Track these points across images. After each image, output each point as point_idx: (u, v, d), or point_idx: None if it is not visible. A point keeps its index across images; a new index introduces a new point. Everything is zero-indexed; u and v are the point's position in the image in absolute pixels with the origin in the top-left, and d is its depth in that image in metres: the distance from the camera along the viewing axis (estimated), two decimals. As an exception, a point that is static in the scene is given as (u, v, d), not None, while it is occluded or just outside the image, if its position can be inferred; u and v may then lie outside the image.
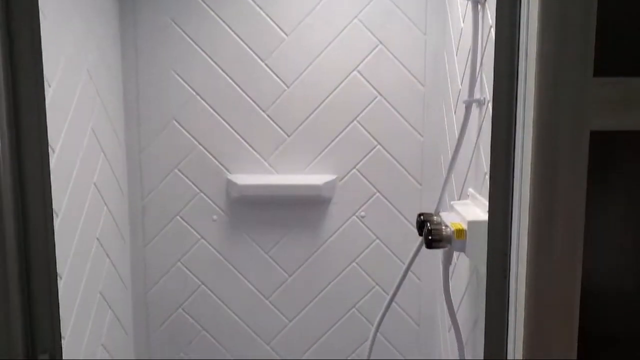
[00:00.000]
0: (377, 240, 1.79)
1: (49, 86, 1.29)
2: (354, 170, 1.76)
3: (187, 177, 1.78)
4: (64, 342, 1.36)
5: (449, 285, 1.29)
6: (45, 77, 1.27)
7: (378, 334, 1.81)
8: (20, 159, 0.98)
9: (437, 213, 1.31)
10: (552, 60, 0.80)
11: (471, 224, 1.13)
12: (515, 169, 0.94)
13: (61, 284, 1.34)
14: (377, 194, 1.77)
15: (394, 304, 1.80)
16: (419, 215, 1.28)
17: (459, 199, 1.40)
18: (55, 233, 1.04)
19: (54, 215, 1.30)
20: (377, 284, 1.81)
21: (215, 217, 1.80)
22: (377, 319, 1.41)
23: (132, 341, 1.82)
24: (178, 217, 1.80)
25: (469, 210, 1.22)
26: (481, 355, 1.08)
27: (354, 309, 1.83)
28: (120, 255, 1.72)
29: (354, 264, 1.81)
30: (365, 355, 1.52)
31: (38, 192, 1.08)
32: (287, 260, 1.82)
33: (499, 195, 0.98)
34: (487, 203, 0.94)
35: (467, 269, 1.35)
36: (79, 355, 1.43)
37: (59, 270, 1.33)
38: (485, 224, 0.98)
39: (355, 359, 1.83)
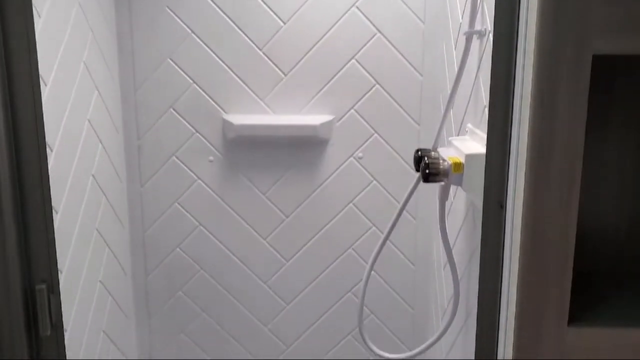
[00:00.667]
0: (375, 182, 1.79)
1: (39, 17, 1.26)
2: (352, 110, 1.74)
3: (182, 117, 1.76)
4: (61, 276, 1.37)
5: (445, 220, 1.30)
6: (35, 6, 1.23)
7: (374, 273, 1.83)
8: (11, 90, 0.96)
9: (434, 149, 1.30)
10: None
11: (469, 157, 1.12)
12: (515, 98, 0.92)
13: (57, 219, 1.34)
14: (375, 134, 1.76)
15: (389, 244, 1.81)
16: (417, 151, 1.27)
17: (458, 136, 1.39)
18: (49, 168, 1.03)
19: (48, 149, 1.29)
20: (373, 224, 1.81)
21: (211, 158, 1.79)
22: (372, 256, 1.42)
23: (131, 279, 1.84)
24: (174, 157, 1.79)
25: (467, 144, 1.21)
26: (476, 290, 1.09)
27: (350, 250, 1.84)
28: (117, 195, 1.72)
29: (350, 205, 1.81)
30: (361, 295, 1.54)
31: (30, 125, 1.06)
32: (284, 201, 1.82)
33: (498, 125, 0.96)
34: (485, 137, 0.93)
35: (464, 205, 1.35)
36: (77, 289, 1.45)
37: (55, 205, 1.33)
38: (483, 157, 0.96)
39: (352, 298, 1.85)
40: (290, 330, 1.89)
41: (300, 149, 1.77)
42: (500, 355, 1.01)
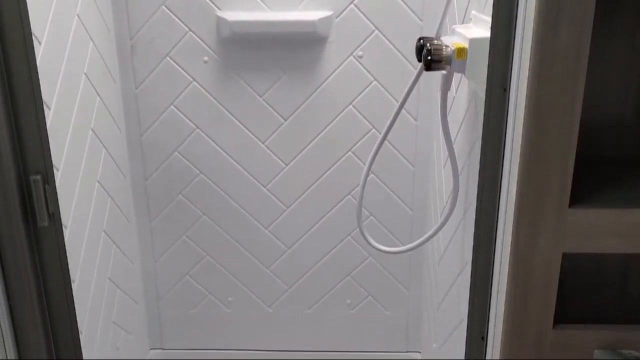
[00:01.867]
0: (375, 82, 1.74)
1: None
2: (352, 5, 1.67)
3: (174, 15, 1.69)
4: (57, 174, 1.35)
5: (446, 112, 1.27)
6: None
7: (373, 176, 1.82)
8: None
9: (437, 37, 1.25)
10: None
11: (472, 41, 1.08)
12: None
13: (49, 115, 1.31)
14: (376, 31, 1.69)
15: (389, 145, 1.78)
16: (419, 39, 1.22)
17: (462, 24, 1.33)
18: (38, 62, 1.00)
19: (36, 42, 1.24)
20: (373, 127, 1.78)
21: (206, 58, 1.73)
22: (371, 155, 1.39)
23: (130, 183, 1.83)
24: (168, 58, 1.73)
25: (471, 31, 1.16)
26: (475, 185, 1.08)
27: (350, 153, 1.82)
28: (112, 95, 1.68)
29: (350, 106, 1.77)
30: (360, 189, 1.53)
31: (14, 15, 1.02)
32: (282, 103, 1.78)
33: (503, 3, 0.91)
34: (490, 20, 0.88)
35: (466, 98, 1.31)
36: (75, 188, 1.44)
37: (46, 100, 1.30)
38: (487, 40, 0.92)
39: (351, 200, 1.85)
40: (290, 232, 1.90)
41: (297, 47, 1.71)
42: (499, 241, 1.01)
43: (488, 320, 1.09)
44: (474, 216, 1.07)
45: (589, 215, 0.92)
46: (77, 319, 1.20)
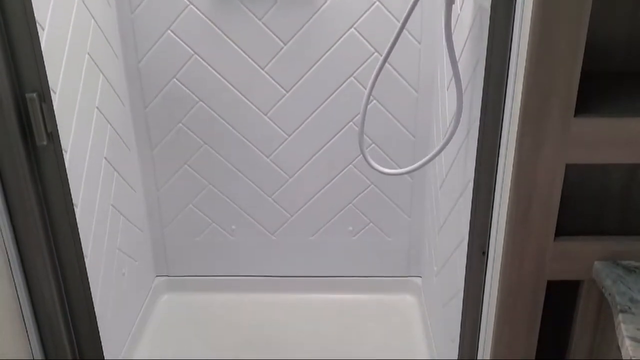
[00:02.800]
0: (378, 3, 1.69)
1: None
2: None
3: None
4: (55, 97, 1.34)
5: (451, 26, 1.23)
6: None
7: (376, 102, 1.79)
8: None
9: (442, -52, 1.20)
10: None
11: (479, -52, 1.04)
12: None
13: (44, 36, 1.28)
14: (378, -51, 1.63)
15: (392, 69, 1.75)
16: (422, -50, 1.17)
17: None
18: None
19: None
20: (376, 50, 1.74)
21: (203, -20, 1.68)
22: (372, 76, 1.36)
23: (129, 111, 1.81)
24: (163, -20, 1.68)
25: (478, -61, 1.11)
26: (479, 104, 1.06)
27: (351, 78, 1.79)
28: (107, 19, 1.63)
29: (352, 29, 1.73)
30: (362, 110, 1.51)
31: None
32: (282, 27, 1.73)
33: None
34: None
35: (470, 14, 1.28)
36: (74, 113, 1.42)
37: (40, 21, 1.26)
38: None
39: (353, 127, 1.84)
40: (292, 160, 1.90)
41: (297, -33, 1.65)
42: (502, 155, 1.00)
43: (489, 235, 1.09)
44: (477, 135, 1.06)
45: (594, 124, 0.91)
46: (82, 243, 1.21)
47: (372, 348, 1.79)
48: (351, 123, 1.84)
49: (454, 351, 1.33)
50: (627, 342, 0.81)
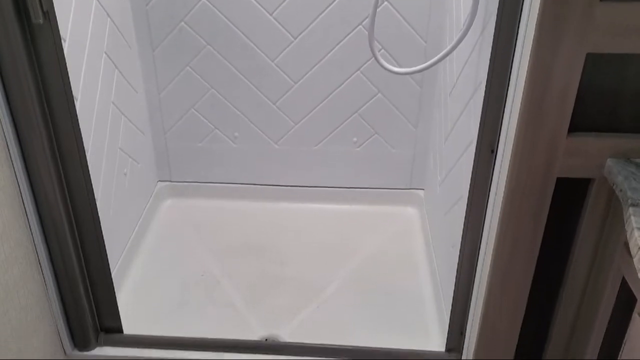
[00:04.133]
0: None
1: None
2: None
3: None
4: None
5: None
6: None
7: (386, 3, 1.72)
8: None
9: None
10: None
11: None
12: None
13: None
14: None
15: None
16: None
17: None
18: None
19: None
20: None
21: None
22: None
23: (130, 6, 1.74)
24: None
25: None
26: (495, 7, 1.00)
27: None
28: None
29: None
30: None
31: None
32: None
33: None
34: None
35: None
36: (71, 2, 1.36)
37: None
38: None
39: (361, 31, 1.77)
40: (298, 65, 1.84)
41: None
42: (519, 45, 0.95)
43: (499, 132, 1.06)
44: (493, 31, 1.01)
45: (621, 10, 0.86)
46: (82, 137, 1.19)
47: (370, 255, 1.81)
48: (360, 27, 1.77)
49: (454, 257, 1.33)
50: (637, 234, 0.80)
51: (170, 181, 2.06)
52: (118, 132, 1.67)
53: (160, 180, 2.06)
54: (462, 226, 1.21)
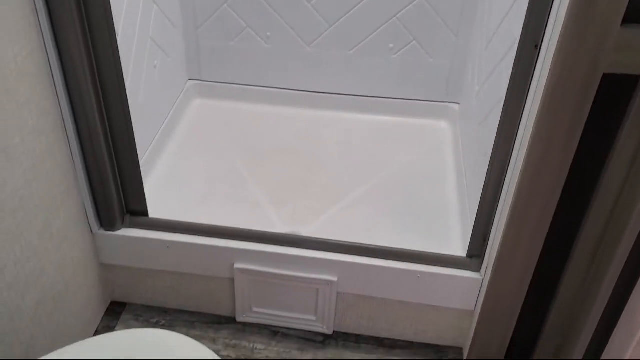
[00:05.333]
0: None
1: None
2: None
3: None
4: None
5: None
6: None
7: None
8: None
9: None
10: None
11: None
12: None
13: None
14: None
15: None
16: None
17: None
18: None
19: None
20: None
21: None
22: None
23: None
24: None
25: None
26: None
27: None
28: None
29: None
30: None
31: None
32: None
33: None
34: None
35: None
36: None
37: None
38: None
39: None
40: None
41: None
42: None
43: (545, 26, 1.00)
44: None
45: None
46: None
47: (399, 166, 1.78)
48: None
49: (483, 167, 1.29)
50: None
51: (201, 80, 2.03)
52: (149, 20, 1.63)
53: (190, 79, 2.04)
54: (496, 134, 1.17)
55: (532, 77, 1.05)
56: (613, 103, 1.00)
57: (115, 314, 1.51)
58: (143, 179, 1.38)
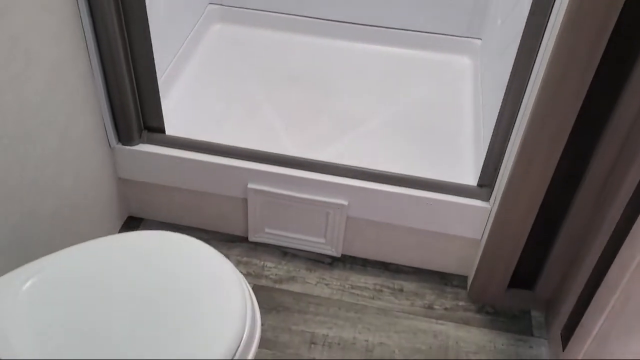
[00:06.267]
0: None
1: None
2: None
3: None
4: None
5: None
6: None
7: None
8: None
9: None
10: None
11: None
12: None
13: None
14: None
15: None
16: None
17: None
18: None
19: None
20: None
21: None
22: None
23: None
24: None
25: None
26: None
27: None
28: None
29: None
30: None
31: None
32: None
33: None
34: None
35: None
36: None
37: None
38: None
39: None
40: None
41: None
42: None
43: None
44: None
45: None
46: None
47: (417, 98, 1.77)
48: None
49: (500, 101, 1.28)
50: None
51: (222, 5, 2.02)
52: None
53: (211, 3, 2.02)
54: (513, 62, 1.15)
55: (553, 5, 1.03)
56: (633, 30, 0.98)
57: (132, 228, 1.56)
58: (160, 99, 1.39)
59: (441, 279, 1.50)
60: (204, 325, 0.86)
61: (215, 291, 0.92)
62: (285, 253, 1.53)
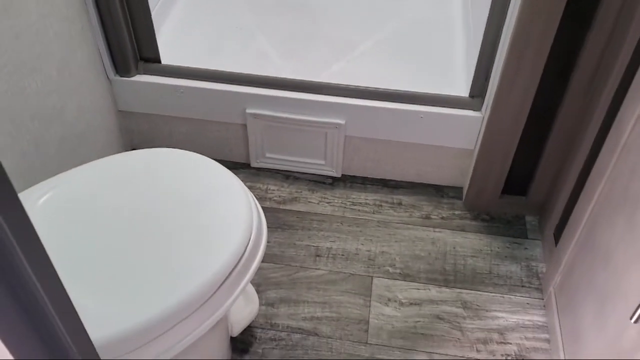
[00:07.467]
0: None
1: None
2: None
3: None
4: None
5: None
6: None
7: None
8: None
9: None
10: None
11: None
12: None
13: None
14: None
15: None
16: None
17: None
18: None
19: None
20: None
21: None
22: None
23: None
24: None
25: None
26: None
27: None
28: None
29: None
30: None
31: None
32: None
33: None
34: None
35: None
36: None
37: None
38: None
39: None
40: None
41: None
42: None
43: None
44: None
45: None
46: None
47: (408, 18, 1.78)
48: None
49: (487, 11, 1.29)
50: None
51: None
52: None
53: None
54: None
55: None
56: None
57: (136, 161, 1.61)
58: (155, 30, 1.41)
59: (437, 192, 1.55)
60: (213, 229, 0.92)
61: (223, 200, 0.97)
62: (287, 176, 1.58)
